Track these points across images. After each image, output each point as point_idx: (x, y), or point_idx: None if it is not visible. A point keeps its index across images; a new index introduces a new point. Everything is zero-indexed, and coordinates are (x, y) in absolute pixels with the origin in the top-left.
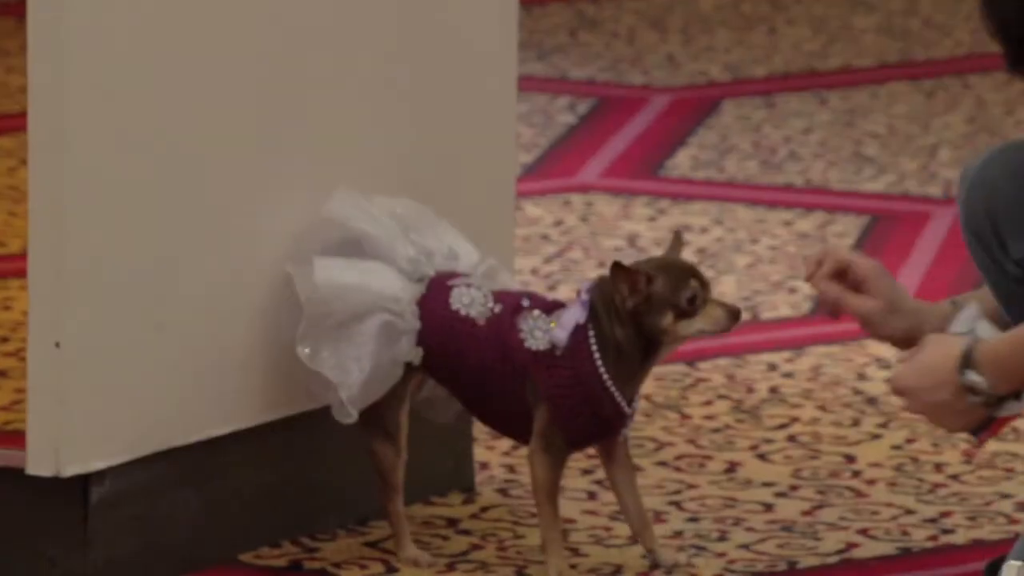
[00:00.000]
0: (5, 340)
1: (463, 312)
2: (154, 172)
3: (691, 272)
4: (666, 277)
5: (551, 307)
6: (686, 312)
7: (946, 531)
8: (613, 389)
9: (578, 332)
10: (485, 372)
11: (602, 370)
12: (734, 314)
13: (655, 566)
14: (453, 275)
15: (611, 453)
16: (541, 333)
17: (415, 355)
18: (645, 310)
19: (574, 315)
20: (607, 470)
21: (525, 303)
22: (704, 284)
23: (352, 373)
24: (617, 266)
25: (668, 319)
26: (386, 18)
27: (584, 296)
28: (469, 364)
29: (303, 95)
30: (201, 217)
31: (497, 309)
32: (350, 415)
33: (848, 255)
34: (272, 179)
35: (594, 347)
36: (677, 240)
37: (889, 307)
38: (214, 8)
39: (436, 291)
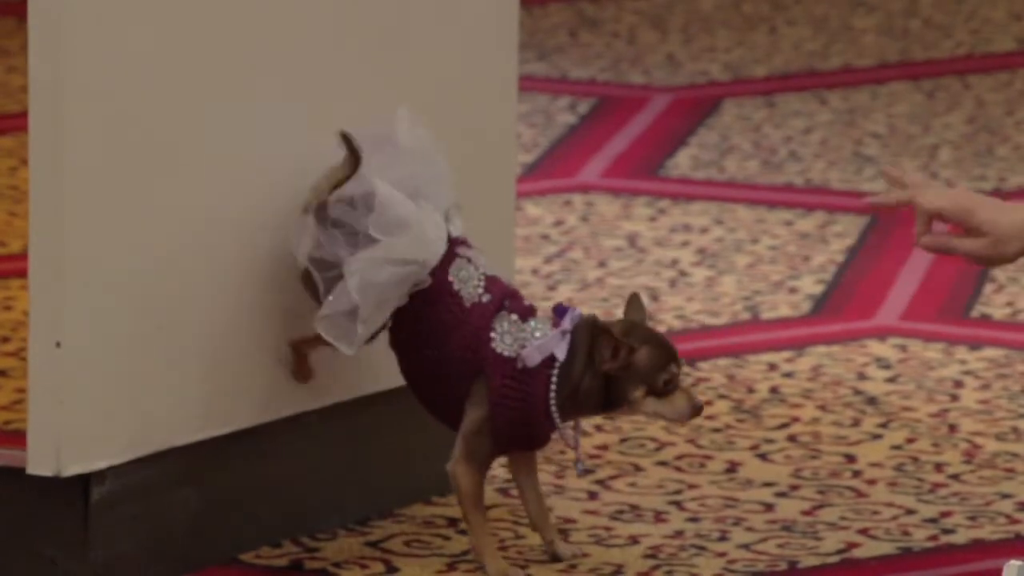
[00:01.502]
0: (6, 340)
1: (456, 287)
2: (154, 172)
3: (673, 356)
4: (650, 353)
5: (526, 313)
6: (657, 392)
7: (946, 531)
8: (556, 418)
9: (546, 358)
10: (449, 351)
11: (553, 401)
12: (696, 409)
13: (553, 558)
14: (458, 241)
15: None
16: (511, 339)
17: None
18: (621, 376)
19: (553, 345)
20: (513, 463)
21: (507, 303)
22: (679, 369)
23: (374, 320)
24: (606, 332)
25: (639, 393)
26: (385, 18)
27: (568, 325)
28: (437, 336)
29: (303, 96)
30: (201, 217)
31: (485, 299)
32: (353, 346)
33: (935, 204)
34: (272, 182)
35: (554, 378)
36: (635, 302)
37: (997, 237)
38: (215, 11)
39: (444, 255)
